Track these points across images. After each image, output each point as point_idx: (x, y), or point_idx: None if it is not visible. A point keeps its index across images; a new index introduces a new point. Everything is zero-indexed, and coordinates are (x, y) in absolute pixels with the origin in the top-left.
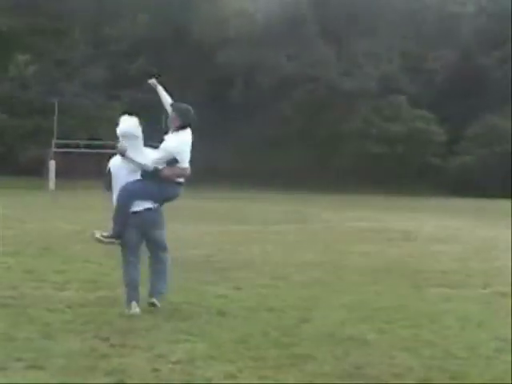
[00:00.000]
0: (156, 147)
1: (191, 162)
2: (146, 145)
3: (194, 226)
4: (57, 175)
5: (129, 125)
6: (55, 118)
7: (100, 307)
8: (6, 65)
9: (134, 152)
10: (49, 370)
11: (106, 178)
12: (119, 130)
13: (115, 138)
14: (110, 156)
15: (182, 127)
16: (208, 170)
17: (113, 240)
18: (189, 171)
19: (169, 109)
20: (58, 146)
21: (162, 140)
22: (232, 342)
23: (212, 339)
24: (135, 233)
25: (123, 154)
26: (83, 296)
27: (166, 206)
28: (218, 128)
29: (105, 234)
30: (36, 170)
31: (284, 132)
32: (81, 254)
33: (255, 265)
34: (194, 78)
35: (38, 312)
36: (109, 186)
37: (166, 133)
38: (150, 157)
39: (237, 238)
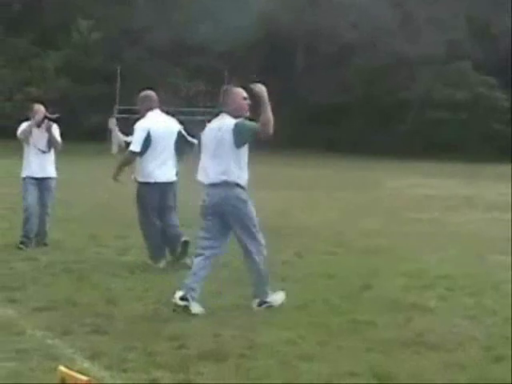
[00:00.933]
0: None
1: None
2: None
3: (256, 192)
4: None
5: None
6: (118, 84)
7: (161, 272)
8: (70, 31)
9: None
10: (112, 335)
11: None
12: None
13: (178, 104)
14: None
15: None
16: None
17: None
18: None
19: None
20: (121, 111)
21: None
22: (293, 308)
23: (268, 312)
24: None
25: None
26: (144, 261)
27: None
28: (280, 95)
29: None
30: (99, 136)
31: (346, 99)
32: None
33: (317, 231)
34: (256, 45)
35: (100, 277)
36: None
37: None
38: None
39: (299, 205)
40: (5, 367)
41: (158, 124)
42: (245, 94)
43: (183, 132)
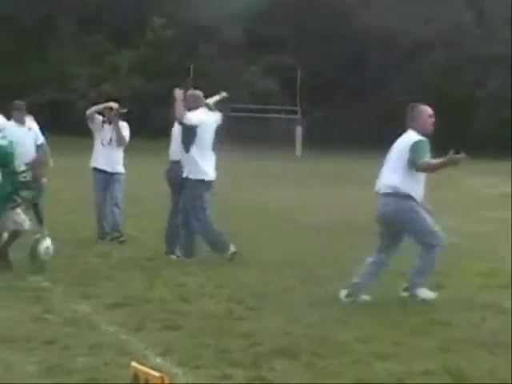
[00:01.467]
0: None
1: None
2: None
3: (323, 190)
4: None
5: None
6: (190, 81)
7: (233, 270)
8: (143, 29)
9: None
10: (184, 331)
11: None
12: None
13: (251, 102)
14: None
15: None
16: (341, 132)
17: None
18: None
19: None
20: None
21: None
22: (366, 306)
23: (346, 304)
24: None
25: None
26: (215, 258)
27: (299, 170)
28: (354, 90)
29: None
30: (169, 132)
31: (420, 95)
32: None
33: None
34: (329, 40)
35: (172, 274)
36: None
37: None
38: None
39: (370, 202)
40: (79, 362)
41: None
42: (431, 112)
43: None
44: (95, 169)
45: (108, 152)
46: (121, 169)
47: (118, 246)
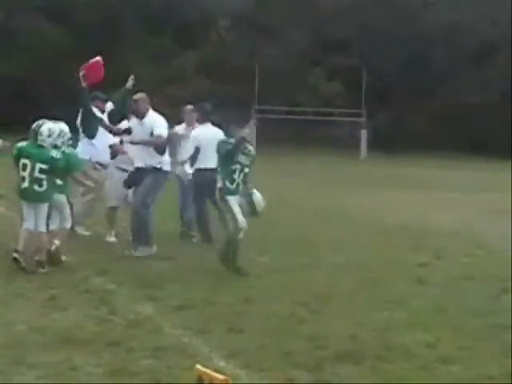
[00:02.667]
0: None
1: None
2: None
3: (388, 193)
4: (258, 141)
5: None
6: (256, 83)
7: (297, 272)
8: (208, 30)
9: None
10: (248, 334)
11: None
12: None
13: (315, 104)
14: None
15: None
16: (406, 135)
17: None
18: None
19: None
20: (259, 111)
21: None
22: (431, 310)
23: (411, 307)
24: None
25: None
26: (280, 261)
27: (363, 172)
28: (418, 92)
29: None
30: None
31: (484, 97)
32: (282, 217)
33: (457, 233)
34: (394, 40)
35: (237, 276)
36: None
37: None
38: None
39: (434, 205)
40: (143, 364)
41: None
42: None
43: None
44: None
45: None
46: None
47: (183, 249)
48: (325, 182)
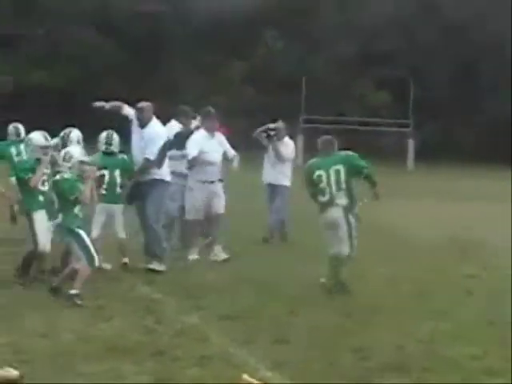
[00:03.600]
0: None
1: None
2: None
3: (440, 204)
4: (305, 151)
5: None
6: (303, 93)
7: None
8: (255, 41)
9: None
10: (294, 345)
11: None
12: None
13: (362, 115)
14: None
15: None
16: (453, 146)
17: None
18: None
19: None
20: (306, 121)
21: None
22: (479, 322)
23: (458, 319)
24: None
25: None
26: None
27: (410, 183)
28: (466, 103)
29: None
30: None
31: None
32: None
33: (504, 245)
34: (443, 51)
35: (283, 287)
36: None
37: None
38: None
39: (481, 217)
40: (188, 373)
41: None
42: None
43: None
44: (266, 183)
45: (274, 167)
46: (285, 182)
47: (231, 260)
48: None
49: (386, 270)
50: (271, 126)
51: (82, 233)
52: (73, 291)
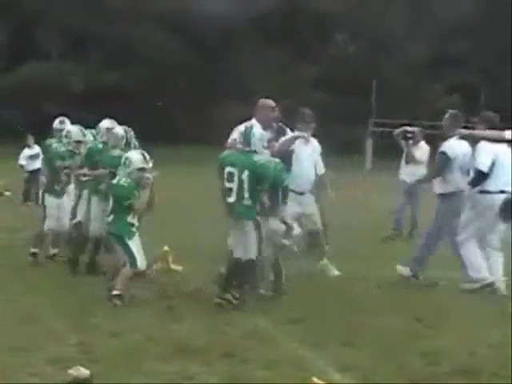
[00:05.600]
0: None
1: None
2: None
3: None
4: (374, 154)
5: None
6: (373, 96)
7: (413, 287)
8: (326, 44)
9: None
10: (363, 348)
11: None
12: None
13: (432, 119)
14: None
15: None
16: None
17: None
18: None
19: None
20: (376, 125)
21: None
22: None
23: None
24: None
25: None
26: (395, 276)
27: None
28: None
29: None
30: (354, 149)
31: None
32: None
33: None
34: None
35: (355, 289)
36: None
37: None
38: None
39: None
40: (258, 376)
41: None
42: None
43: None
44: (402, 181)
45: (408, 167)
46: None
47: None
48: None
49: (455, 273)
50: (409, 128)
51: (130, 242)
52: (115, 292)
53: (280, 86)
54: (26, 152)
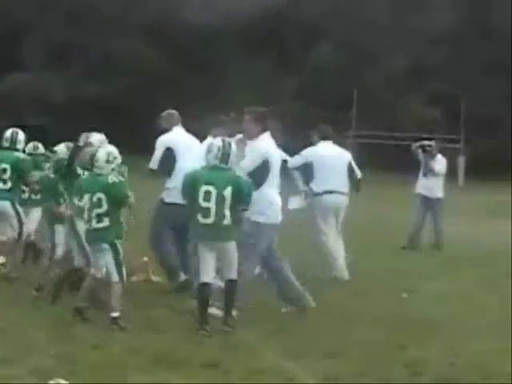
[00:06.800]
0: None
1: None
2: None
3: (490, 222)
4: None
5: None
6: (354, 108)
7: (394, 298)
8: (307, 55)
9: None
10: (345, 359)
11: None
12: None
13: (413, 130)
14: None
15: None
16: (505, 163)
17: None
18: None
19: None
20: (357, 136)
21: None
22: None
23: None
24: None
25: None
26: (380, 287)
27: (461, 200)
28: None
29: None
30: None
31: None
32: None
33: None
34: (494, 69)
35: (333, 297)
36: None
37: None
38: None
39: None
40: None
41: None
42: None
43: None
44: (419, 194)
45: (426, 180)
46: (438, 194)
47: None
48: None
49: (439, 284)
50: (426, 142)
51: (120, 247)
52: (114, 314)
53: (261, 97)
54: None
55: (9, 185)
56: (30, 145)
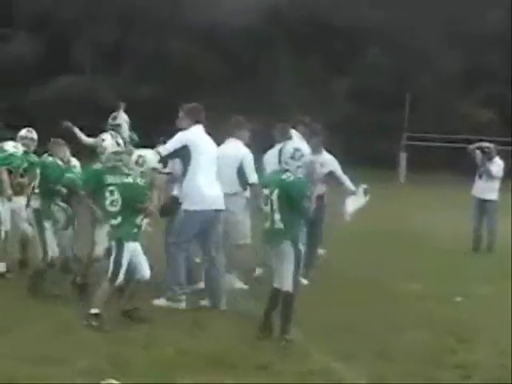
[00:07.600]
0: None
1: None
2: None
3: None
4: (408, 168)
5: None
6: (406, 110)
7: (445, 302)
8: (358, 57)
9: None
10: (395, 360)
11: None
12: None
13: (466, 132)
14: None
15: None
16: None
17: None
18: None
19: None
20: (410, 138)
21: None
22: None
23: None
24: None
25: None
26: (430, 290)
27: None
28: None
29: None
30: (387, 162)
31: None
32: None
33: None
34: None
35: (383, 302)
36: None
37: None
38: None
39: None
40: None
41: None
42: None
43: None
44: (474, 196)
45: (482, 182)
46: (493, 196)
47: (333, 272)
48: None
49: (488, 289)
50: (484, 144)
51: (128, 249)
52: (93, 310)
53: (312, 99)
54: None
55: None
56: None
